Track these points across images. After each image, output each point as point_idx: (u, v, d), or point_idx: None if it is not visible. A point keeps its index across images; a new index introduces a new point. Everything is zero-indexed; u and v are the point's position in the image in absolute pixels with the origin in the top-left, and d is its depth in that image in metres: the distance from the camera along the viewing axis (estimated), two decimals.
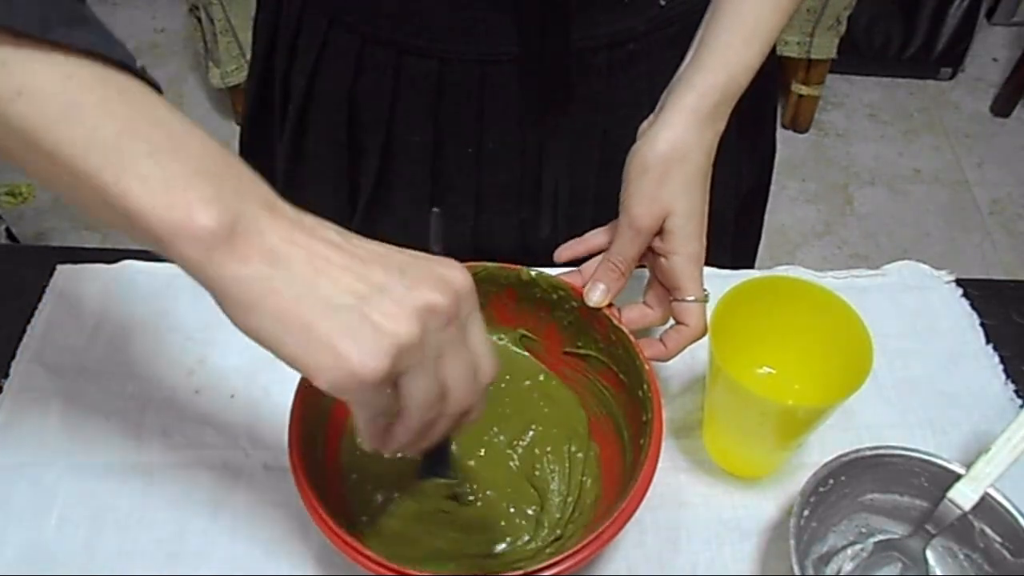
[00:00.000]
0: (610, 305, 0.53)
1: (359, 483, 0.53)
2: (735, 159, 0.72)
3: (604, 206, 0.68)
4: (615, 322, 0.52)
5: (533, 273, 0.55)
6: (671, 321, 0.52)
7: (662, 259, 0.51)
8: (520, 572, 0.42)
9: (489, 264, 0.55)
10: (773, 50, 0.71)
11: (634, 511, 0.44)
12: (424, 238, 0.66)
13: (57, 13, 0.30)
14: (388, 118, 0.62)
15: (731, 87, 0.50)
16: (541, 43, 0.57)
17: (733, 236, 0.75)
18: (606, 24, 0.58)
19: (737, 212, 0.76)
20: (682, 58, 0.52)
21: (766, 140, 0.78)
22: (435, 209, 0.46)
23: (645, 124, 0.52)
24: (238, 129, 0.88)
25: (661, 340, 0.52)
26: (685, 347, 0.51)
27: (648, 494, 0.45)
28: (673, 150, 0.49)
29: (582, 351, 0.56)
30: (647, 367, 0.50)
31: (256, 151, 0.75)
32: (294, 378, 0.55)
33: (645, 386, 0.49)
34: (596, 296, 0.52)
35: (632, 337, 0.51)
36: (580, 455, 0.54)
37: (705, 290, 0.51)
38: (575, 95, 0.61)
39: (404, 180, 0.54)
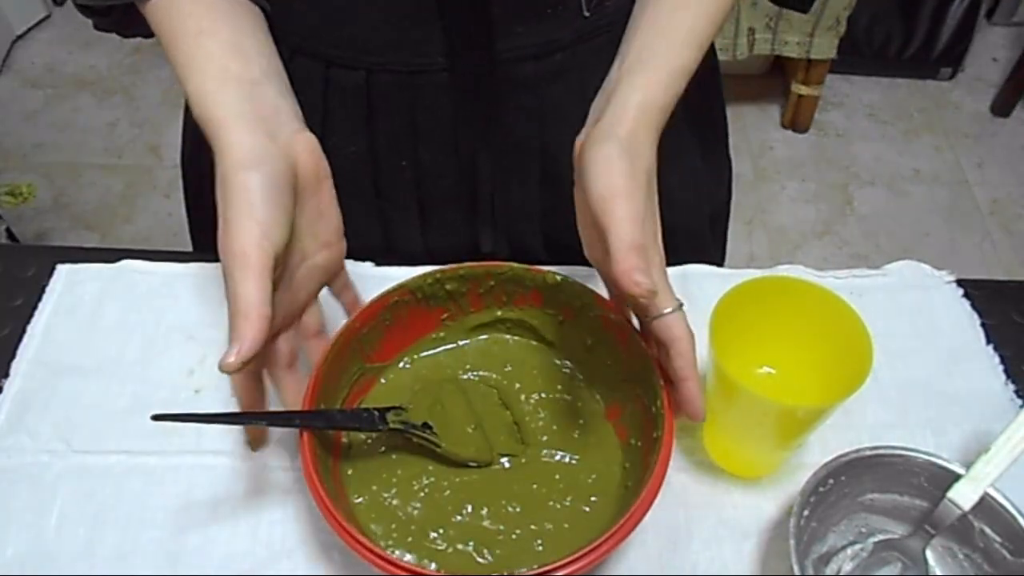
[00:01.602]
0: (628, 316, 0.53)
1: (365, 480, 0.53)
2: (695, 177, 0.73)
3: (552, 224, 0.69)
4: (635, 336, 0.52)
5: (559, 278, 0.55)
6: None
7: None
8: (524, 573, 0.43)
9: (516, 265, 0.56)
10: (717, 65, 0.71)
11: (635, 525, 0.44)
12: (374, 246, 0.66)
13: None
14: (321, 129, 0.61)
15: (672, 87, 0.49)
16: (466, 53, 0.57)
17: (706, 253, 0.75)
18: (531, 34, 0.57)
19: (705, 230, 0.77)
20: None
21: (722, 155, 0.77)
22: None
23: (582, 137, 0.49)
24: None
25: (671, 379, 0.49)
26: (695, 359, 0.48)
27: None
28: (630, 147, 0.46)
29: (602, 358, 0.56)
30: (662, 383, 0.49)
31: (198, 160, 0.74)
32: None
33: (659, 402, 0.49)
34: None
35: (650, 353, 0.51)
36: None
37: (678, 299, 0.47)
38: (504, 106, 0.60)
39: (346, 191, 0.54)
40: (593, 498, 0.52)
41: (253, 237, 0.43)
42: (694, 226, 0.75)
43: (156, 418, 0.44)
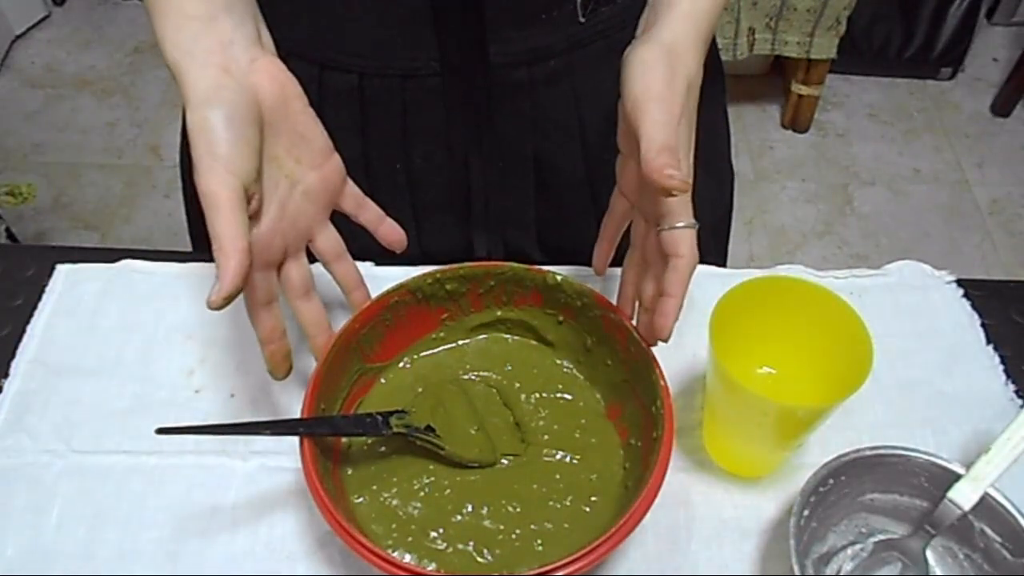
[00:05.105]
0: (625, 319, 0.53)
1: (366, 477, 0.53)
2: (695, 187, 0.72)
3: (547, 228, 0.68)
4: (635, 336, 0.52)
5: (559, 278, 0.55)
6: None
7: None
8: (524, 573, 0.43)
9: (516, 265, 0.56)
10: (721, 72, 0.70)
11: (635, 525, 0.45)
12: (369, 247, 0.66)
13: None
14: None
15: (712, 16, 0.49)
16: (459, 57, 0.57)
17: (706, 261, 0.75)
18: (524, 39, 0.57)
19: (707, 239, 0.76)
20: (609, 78, 0.50)
21: (724, 165, 0.77)
22: None
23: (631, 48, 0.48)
24: None
25: (663, 294, 0.47)
26: (688, 282, 0.47)
27: None
28: (671, 53, 0.46)
29: (602, 358, 0.56)
30: (662, 383, 0.50)
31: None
32: (293, 378, 0.55)
33: (659, 402, 0.49)
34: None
35: (652, 352, 0.51)
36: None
37: (694, 219, 0.47)
38: (497, 111, 0.60)
39: None
40: (593, 498, 0.52)
41: (218, 175, 0.43)
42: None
43: (160, 431, 0.44)
